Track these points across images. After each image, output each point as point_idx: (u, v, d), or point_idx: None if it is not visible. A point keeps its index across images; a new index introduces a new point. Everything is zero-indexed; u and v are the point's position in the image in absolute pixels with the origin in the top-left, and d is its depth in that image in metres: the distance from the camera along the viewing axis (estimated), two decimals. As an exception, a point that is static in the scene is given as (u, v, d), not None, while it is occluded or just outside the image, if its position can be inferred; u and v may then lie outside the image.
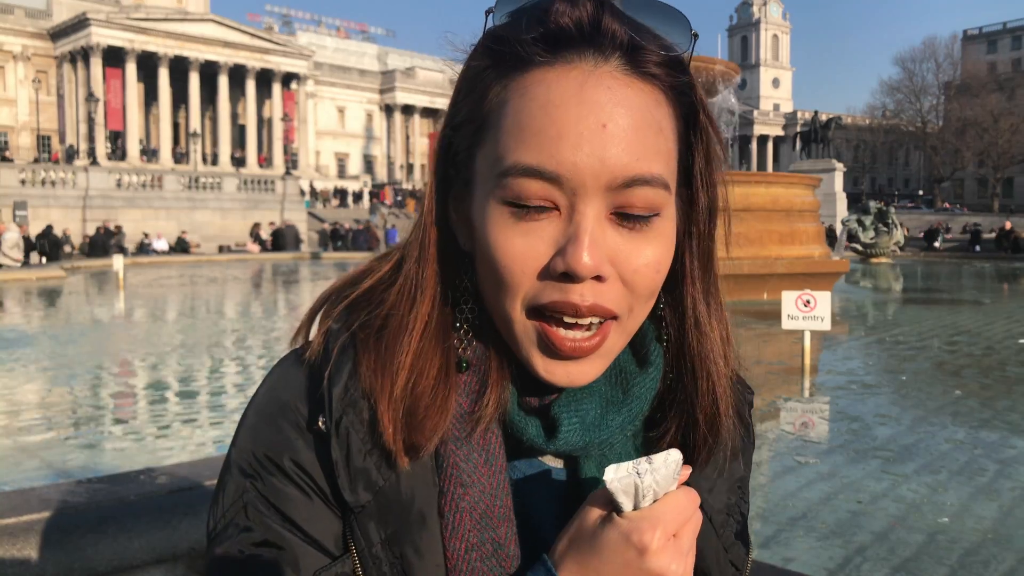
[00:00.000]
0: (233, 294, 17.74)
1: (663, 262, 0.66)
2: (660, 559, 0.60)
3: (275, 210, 39.26)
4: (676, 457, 0.63)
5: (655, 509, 0.61)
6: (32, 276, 18.11)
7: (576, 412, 0.69)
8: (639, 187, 0.62)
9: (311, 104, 74.63)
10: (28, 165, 36.99)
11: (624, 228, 0.64)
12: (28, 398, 6.76)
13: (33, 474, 4.24)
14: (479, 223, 0.66)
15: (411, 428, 0.65)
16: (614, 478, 0.61)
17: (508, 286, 0.64)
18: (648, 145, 0.63)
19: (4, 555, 2.25)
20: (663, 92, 0.65)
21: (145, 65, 61.11)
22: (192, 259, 28.58)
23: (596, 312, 0.63)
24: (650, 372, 0.72)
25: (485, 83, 0.65)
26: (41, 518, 2.41)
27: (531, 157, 0.61)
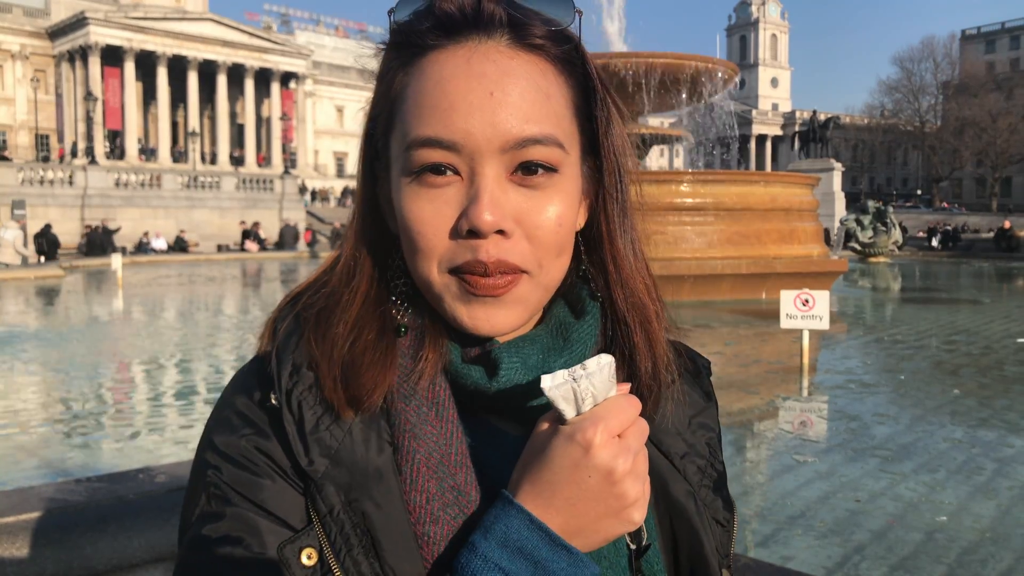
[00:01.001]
0: (231, 293, 17.73)
1: (565, 216, 0.71)
2: (604, 453, 0.62)
3: (273, 209, 39.23)
4: (608, 360, 0.65)
5: (596, 411, 0.63)
6: (31, 275, 18.10)
7: (517, 354, 0.72)
8: (531, 147, 0.68)
9: (310, 103, 74.59)
10: (27, 164, 36.94)
11: (525, 188, 0.69)
12: (27, 397, 6.76)
13: (32, 473, 4.24)
14: (395, 200, 0.71)
15: (350, 382, 0.69)
16: (552, 386, 0.63)
17: (423, 250, 0.69)
18: (536, 109, 0.68)
19: (3, 554, 2.25)
20: (550, 63, 0.71)
21: (144, 64, 61.07)
22: (190, 258, 28.57)
23: (502, 267, 0.68)
24: (587, 319, 0.77)
25: (392, 74, 0.72)
26: (40, 517, 2.41)
27: (429, 129, 0.67)
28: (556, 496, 0.63)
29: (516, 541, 0.62)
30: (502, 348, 0.72)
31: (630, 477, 0.63)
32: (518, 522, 0.62)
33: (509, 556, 0.61)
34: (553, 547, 0.62)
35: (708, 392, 0.88)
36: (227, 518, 0.68)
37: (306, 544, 0.67)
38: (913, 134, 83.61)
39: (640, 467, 0.65)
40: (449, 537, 0.67)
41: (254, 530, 0.67)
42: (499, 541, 0.62)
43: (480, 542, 0.62)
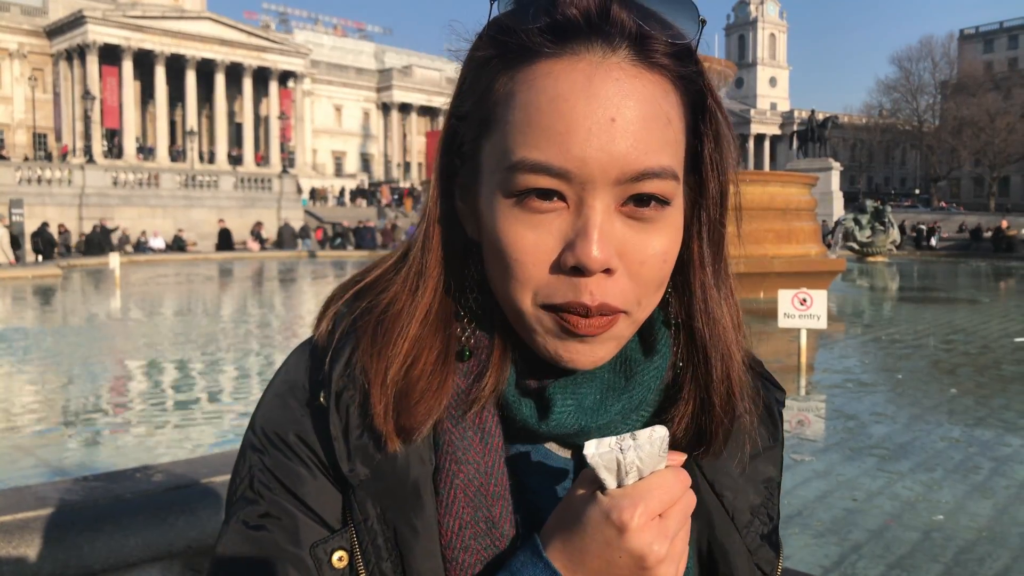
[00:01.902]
0: (230, 292, 17.72)
1: (670, 252, 0.66)
2: (640, 538, 0.59)
3: (272, 208, 39.21)
4: (661, 434, 0.61)
5: (638, 487, 0.60)
6: (28, 274, 18.08)
7: (573, 395, 0.69)
8: (648, 180, 0.62)
9: (308, 102, 74.52)
10: (24, 163, 36.90)
11: (633, 220, 0.63)
12: (24, 396, 6.76)
13: (29, 472, 4.23)
14: (487, 215, 0.66)
15: (403, 412, 0.66)
16: (595, 453, 0.60)
17: (519, 279, 0.64)
18: (657, 137, 0.62)
19: (0, 553, 2.25)
20: (671, 81, 0.64)
21: (142, 63, 60.99)
22: (189, 257, 28.53)
23: (604, 311, 0.63)
24: (655, 360, 0.71)
25: (491, 74, 0.65)
26: (37, 516, 2.40)
27: (539, 153, 0.61)
28: (585, 565, 0.61)
29: None
30: (557, 386, 0.69)
31: (664, 564, 0.60)
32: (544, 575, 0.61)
33: None
34: None
35: (775, 430, 0.81)
36: (265, 505, 0.68)
37: (339, 547, 0.67)
38: (911, 133, 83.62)
39: (678, 548, 0.62)
40: (477, 567, 0.66)
41: (290, 523, 0.67)
42: None
43: None
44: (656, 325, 0.73)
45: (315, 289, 19.03)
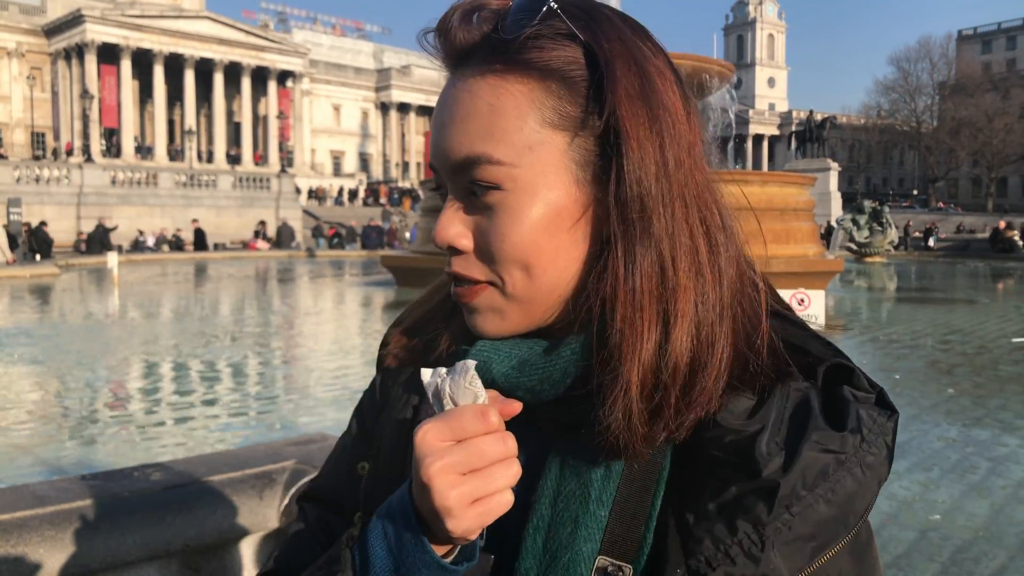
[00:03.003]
0: (228, 291, 17.71)
1: (515, 233, 0.69)
2: (419, 450, 0.64)
3: (270, 208, 39.19)
4: (468, 365, 0.66)
5: (444, 412, 0.65)
6: (25, 273, 18.06)
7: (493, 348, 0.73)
8: (471, 168, 0.70)
9: (307, 102, 74.49)
10: (23, 162, 36.86)
11: (477, 208, 0.71)
12: (21, 395, 6.75)
13: (27, 471, 4.23)
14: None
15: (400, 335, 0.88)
16: (427, 381, 0.68)
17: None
18: (479, 130, 0.69)
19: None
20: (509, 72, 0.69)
21: (140, 62, 60.96)
22: (187, 256, 28.51)
23: (461, 279, 0.73)
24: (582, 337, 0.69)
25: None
26: (35, 515, 2.40)
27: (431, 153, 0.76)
28: (412, 481, 0.66)
29: (396, 507, 0.69)
30: (486, 344, 0.74)
31: (439, 480, 0.62)
32: (403, 492, 0.69)
33: (389, 516, 0.69)
34: (406, 521, 0.67)
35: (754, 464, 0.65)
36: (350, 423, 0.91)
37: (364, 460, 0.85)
38: (909, 134, 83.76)
39: (474, 483, 0.62)
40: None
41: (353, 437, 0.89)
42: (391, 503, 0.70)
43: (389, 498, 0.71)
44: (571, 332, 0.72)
45: (313, 288, 19.04)
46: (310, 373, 8.05)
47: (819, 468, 0.64)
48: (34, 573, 2.31)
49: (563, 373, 0.70)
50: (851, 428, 0.66)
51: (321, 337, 10.93)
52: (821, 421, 0.66)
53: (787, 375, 0.70)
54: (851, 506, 0.66)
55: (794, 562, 0.64)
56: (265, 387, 7.49)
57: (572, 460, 0.71)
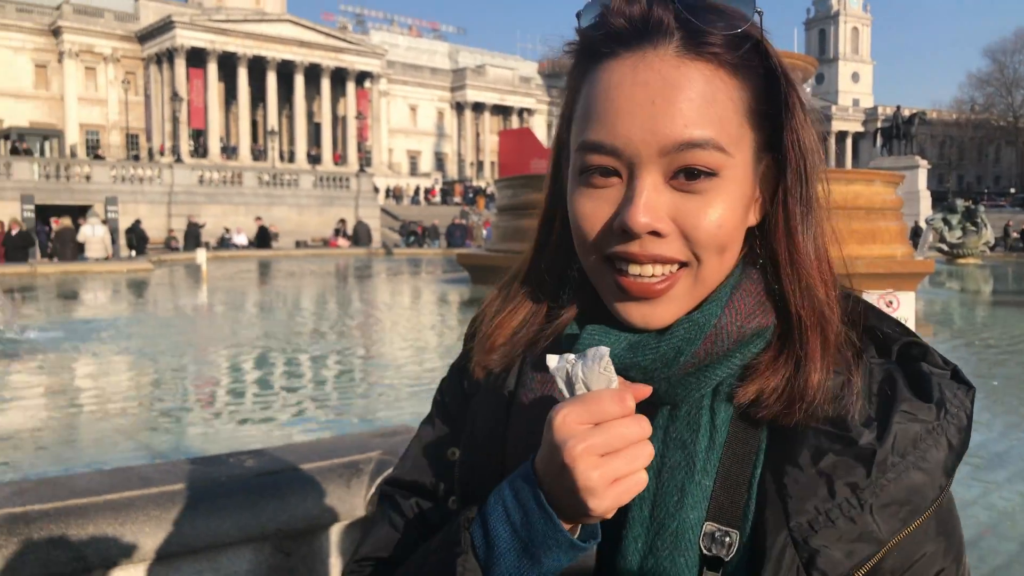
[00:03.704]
0: (309, 287, 18.18)
1: (725, 219, 0.73)
2: (559, 433, 0.66)
3: (349, 207, 40.00)
4: (602, 352, 0.68)
5: (577, 397, 0.68)
6: (123, 268, 18.95)
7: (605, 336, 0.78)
8: (689, 151, 0.71)
9: (384, 102, 75.78)
10: (119, 162, 38.65)
11: (684, 191, 0.72)
12: (120, 383, 7.08)
13: (129, 454, 4.43)
14: (568, 194, 0.79)
15: (483, 352, 0.87)
16: (554, 367, 0.70)
17: (582, 243, 0.77)
18: (696, 114, 0.71)
19: (107, 529, 2.36)
20: (720, 66, 0.73)
21: (225, 65, 63.08)
22: (270, 253, 29.38)
23: (656, 260, 0.73)
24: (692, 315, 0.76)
25: (573, 77, 0.79)
26: (141, 495, 2.51)
27: (595, 134, 0.73)
28: (544, 462, 0.69)
29: (518, 489, 0.71)
30: (595, 329, 0.79)
31: (582, 462, 0.65)
32: (525, 475, 0.71)
33: (512, 499, 0.71)
34: (536, 503, 0.69)
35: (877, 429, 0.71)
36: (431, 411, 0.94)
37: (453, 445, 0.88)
38: (1006, 129, 79.82)
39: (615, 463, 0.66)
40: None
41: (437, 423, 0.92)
42: (511, 485, 0.72)
43: (504, 482, 0.73)
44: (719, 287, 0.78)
45: (391, 285, 19.37)
46: (387, 368, 8.20)
47: (910, 437, 0.71)
48: (139, 550, 2.43)
49: (676, 352, 0.75)
50: (936, 400, 0.72)
51: (398, 332, 11.11)
52: (908, 393, 0.73)
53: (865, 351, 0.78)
54: (938, 473, 0.71)
55: (890, 525, 0.70)
56: (345, 380, 7.66)
57: (674, 433, 0.76)
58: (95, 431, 5.22)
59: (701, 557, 0.73)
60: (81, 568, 2.33)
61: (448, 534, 0.76)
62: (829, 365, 0.74)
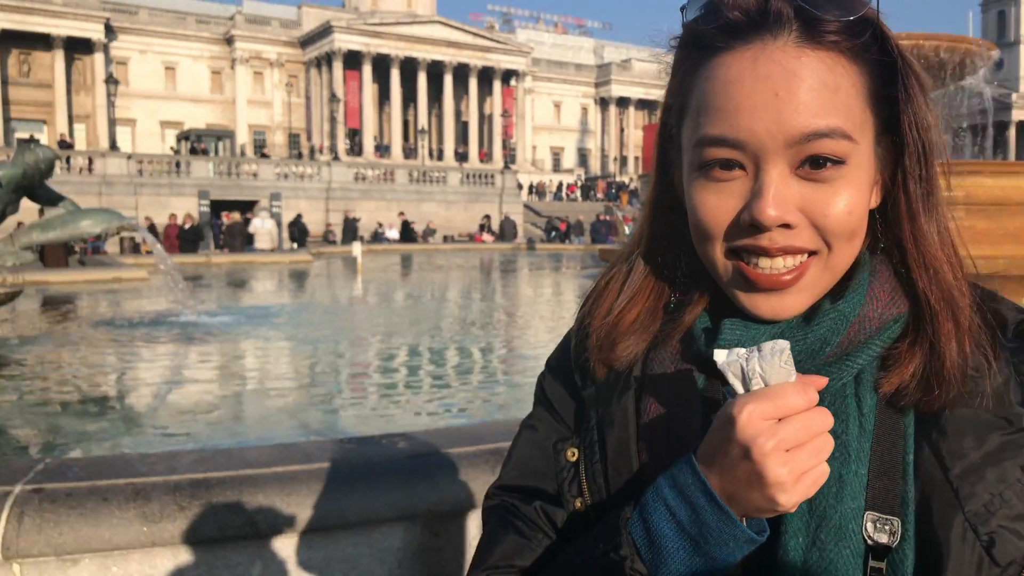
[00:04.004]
0: (456, 280, 18.68)
1: (854, 205, 0.73)
2: (747, 430, 0.66)
3: (494, 203, 40.75)
4: (782, 346, 0.67)
5: (757, 391, 0.67)
6: (285, 259, 20.24)
7: (745, 327, 0.77)
8: (817, 141, 0.71)
9: (529, 100, 76.59)
10: (282, 160, 41.28)
11: (811, 181, 0.72)
12: (283, 365, 7.56)
13: (292, 432, 4.71)
14: (686, 189, 0.78)
15: (605, 349, 0.84)
16: (723, 361, 0.68)
17: (706, 236, 0.76)
18: (821, 104, 0.71)
19: (275, 498, 2.53)
20: (840, 54, 0.72)
21: (379, 66, 65.83)
22: (419, 247, 30.43)
23: (787, 251, 0.73)
24: (839, 305, 0.76)
25: (682, 72, 0.78)
26: (304, 469, 2.68)
27: (716, 129, 0.72)
28: (714, 460, 0.69)
29: (681, 486, 0.70)
30: (735, 323, 0.78)
31: (771, 458, 0.65)
32: (687, 471, 0.70)
33: (674, 496, 0.70)
34: (708, 499, 0.69)
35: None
36: (536, 412, 0.92)
37: (573, 445, 0.85)
38: None
39: (800, 461, 0.66)
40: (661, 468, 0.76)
41: (547, 424, 0.89)
42: (670, 482, 0.71)
43: (660, 479, 0.73)
44: (855, 274, 0.78)
45: (533, 279, 19.57)
46: (529, 359, 8.28)
47: None
48: (302, 520, 2.58)
49: (823, 342, 0.75)
50: None
51: (541, 325, 11.21)
52: None
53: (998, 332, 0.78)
54: None
55: None
56: (488, 370, 7.82)
57: None
58: (261, 409, 5.60)
59: (865, 547, 0.73)
60: (252, 533, 2.51)
61: (602, 536, 0.75)
62: (964, 348, 0.75)
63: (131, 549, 2.40)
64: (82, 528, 2.32)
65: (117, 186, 31.70)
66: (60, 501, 2.34)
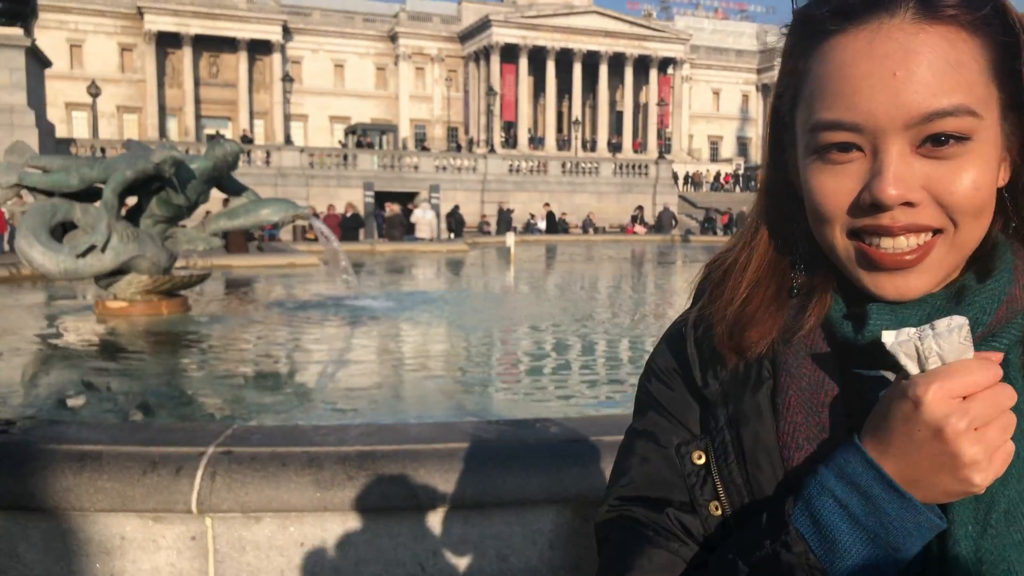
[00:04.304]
0: (606, 271, 18.65)
1: (980, 181, 0.71)
2: (935, 410, 0.64)
3: (647, 193, 40.21)
4: (960, 322, 0.65)
5: (938, 369, 0.65)
6: (443, 249, 21.00)
7: (891, 312, 0.75)
8: (939, 120, 0.69)
9: (686, 88, 74.87)
10: (441, 154, 42.68)
11: (934, 158, 0.70)
12: (439, 349, 7.86)
13: (449, 413, 4.91)
14: (802, 174, 0.77)
15: (735, 336, 0.82)
16: (894, 342, 0.66)
17: (825, 219, 0.75)
18: (942, 82, 0.69)
19: (435, 473, 2.65)
20: (961, 29, 0.70)
21: (535, 59, 66.53)
22: (571, 238, 30.57)
23: (910, 229, 0.71)
24: (989, 285, 0.75)
25: (795, 56, 0.77)
26: (462, 447, 2.78)
27: (832, 113, 0.72)
28: (891, 445, 0.66)
29: (851, 476, 0.68)
30: (881, 306, 0.75)
31: (965, 438, 0.63)
32: (856, 459, 0.68)
33: (843, 487, 0.68)
34: (885, 487, 0.66)
35: None
36: (647, 418, 0.88)
37: (698, 448, 0.83)
38: None
39: (991, 438, 0.64)
40: (809, 464, 0.75)
41: (662, 429, 0.86)
42: (836, 473, 0.69)
43: (822, 470, 0.70)
44: (999, 258, 0.76)
45: (686, 273, 19.16)
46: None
47: None
48: (459, 496, 2.68)
49: (975, 322, 0.72)
50: None
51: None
52: None
53: None
54: None
55: None
56: (637, 362, 7.75)
57: None
58: (419, 389, 5.86)
59: None
60: (413, 505, 2.64)
61: (767, 533, 0.72)
62: None
63: (305, 512, 2.59)
64: (264, 489, 2.53)
65: (291, 177, 33.93)
66: (246, 463, 2.57)
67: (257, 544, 2.60)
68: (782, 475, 0.77)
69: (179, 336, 7.62)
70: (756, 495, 0.78)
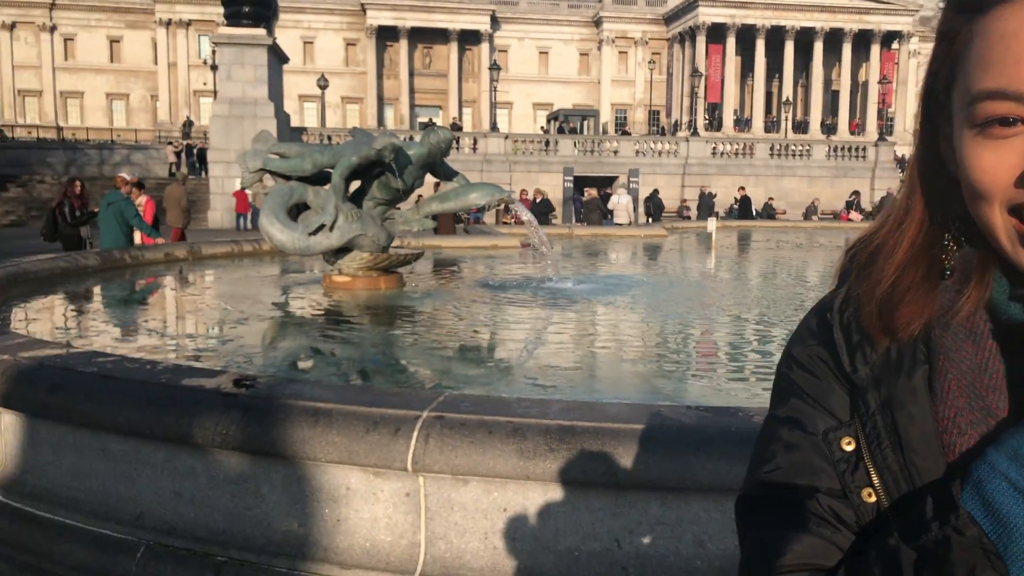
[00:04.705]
0: (815, 261, 17.65)
1: None
2: None
3: (865, 178, 37.49)
4: None
5: None
6: (640, 233, 20.84)
7: None
8: None
9: (913, 64, 68.67)
10: (641, 137, 42.24)
11: None
12: (635, 333, 7.85)
13: (644, 395, 4.92)
14: (958, 150, 0.75)
15: (885, 316, 0.80)
16: None
17: (984, 196, 0.72)
18: None
19: (632, 452, 2.68)
20: None
21: (743, 39, 63.92)
22: (778, 224, 29.22)
23: None
24: None
25: (953, 31, 0.76)
26: (661, 430, 2.79)
27: (994, 82, 0.70)
28: None
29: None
30: None
31: None
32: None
33: (1017, 468, 0.66)
34: None
35: None
36: (789, 404, 0.87)
37: (847, 434, 0.82)
38: None
39: None
40: (972, 448, 0.73)
41: (807, 415, 0.85)
42: (1008, 454, 0.67)
43: (991, 452, 0.68)
44: None
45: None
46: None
47: None
48: (656, 477, 2.70)
49: None
50: None
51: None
52: None
53: None
54: None
55: None
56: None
57: None
58: (615, 370, 5.90)
59: None
60: (612, 482, 2.70)
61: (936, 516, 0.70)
62: None
63: (508, 479, 2.73)
64: (472, 454, 2.69)
65: (495, 163, 35.07)
66: (456, 428, 2.74)
67: (464, 505, 2.77)
68: (942, 460, 0.76)
69: (394, 309, 8.19)
70: (914, 481, 0.77)
